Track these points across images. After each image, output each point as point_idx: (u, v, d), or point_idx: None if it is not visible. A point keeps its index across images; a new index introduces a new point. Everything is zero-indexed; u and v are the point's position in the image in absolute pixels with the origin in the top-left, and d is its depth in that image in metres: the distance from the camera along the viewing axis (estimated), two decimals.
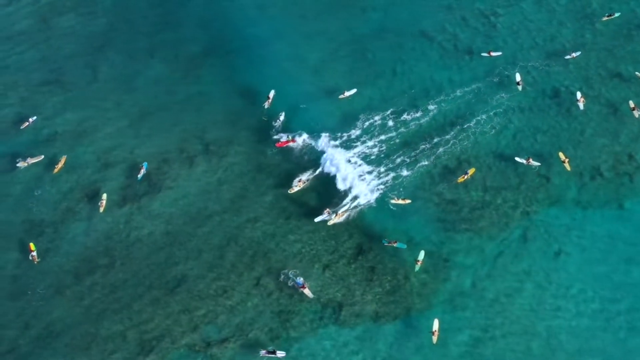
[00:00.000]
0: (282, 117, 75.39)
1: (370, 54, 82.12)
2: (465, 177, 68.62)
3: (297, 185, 69.02)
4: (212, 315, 61.52)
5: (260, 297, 62.21)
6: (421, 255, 63.08)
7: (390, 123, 74.31)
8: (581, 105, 72.75)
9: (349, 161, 70.79)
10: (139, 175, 71.66)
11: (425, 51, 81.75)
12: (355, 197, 68.02)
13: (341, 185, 68.99)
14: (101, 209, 68.58)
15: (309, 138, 73.19)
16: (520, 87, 75.40)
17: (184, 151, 73.91)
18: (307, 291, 61.83)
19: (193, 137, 75.20)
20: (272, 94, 77.19)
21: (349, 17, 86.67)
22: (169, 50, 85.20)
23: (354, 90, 77.19)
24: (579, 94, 73.61)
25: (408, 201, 67.04)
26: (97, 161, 73.94)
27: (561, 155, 68.74)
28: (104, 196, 69.53)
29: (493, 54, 79.05)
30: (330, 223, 65.86)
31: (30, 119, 78.02)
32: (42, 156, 73.89)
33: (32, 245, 66.94)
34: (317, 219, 66.37)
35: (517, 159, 69.33)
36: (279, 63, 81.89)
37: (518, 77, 75.93)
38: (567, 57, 77.98)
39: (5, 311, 62.65)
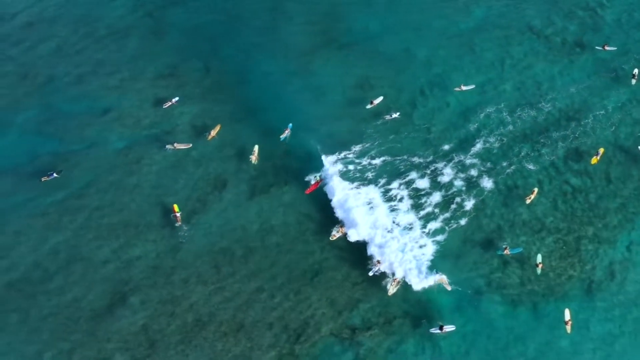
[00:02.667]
0: (395, 115, 76.28)
1: (478, 48, 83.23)
2: (597, 157, 70.00)
3: None
4: (353, 303, 62.43)
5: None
6: (539, 258, 63.49)
7: (507, 118, 75.40)
8: None
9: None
10: (282, 136, 73.88)
11: (534, 45, 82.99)
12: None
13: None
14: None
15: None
16: (634, 81, 76.28)
17: (304, 143, 74.65)
18: (445, 282, 62.68)
19: (313, 127, 75.82)
20: (379, 99, 77.88)
21: (453, 13, 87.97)
22: (278, 44, 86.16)
23: (472, 86, 78.23)
24: None
25: (534, 195, 68.01)
26: (220, 152, 74.88)
27: None
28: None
29: (608, 48, 79.94)
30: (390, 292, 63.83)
31: (173, 100, 79.42)
32: (191, 144, 74.93)
33: (175, 207, 68.94)
34: None
35: None
36: (390, 57, 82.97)
37: (636, 71, 76.77)
38: None
39: (149, 299, 63.71)
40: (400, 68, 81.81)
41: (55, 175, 72.72)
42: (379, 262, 63.98)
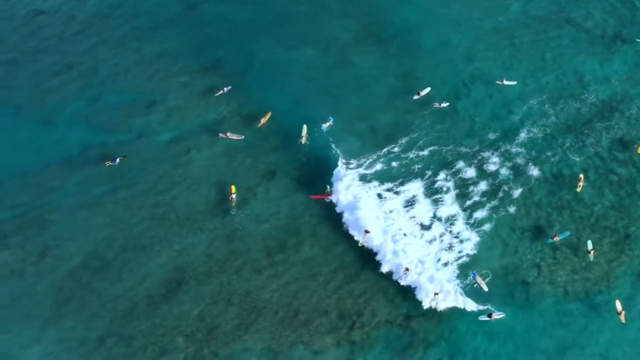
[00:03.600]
0: (444, 104, 77.18)
1: (518, 42, 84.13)
2: None
3: None
4: (404, 291, 62.84)
5: None
6: (590, 244, 64.15)
7: (550, 109, 76.31)
8: None
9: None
10: (324, 126, 75.07)
11: (573, 38, 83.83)
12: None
13: None
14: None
15: None
16: None
17: (351, 133, 75.88)
18: (481, 282, 63.18)
19: (357, 120, 77.11)
20: (426, 90, 78.72)
21: (491, 6, 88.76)
22: (319, 37, 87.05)
23: (514, 82, 79.14)
24: None
25: (582, 182, 68.89)
26: (268, 142, 75.62)
27: None
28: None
29: None
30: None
31: (225, 88, 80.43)
32: (243, 136, 75.78)
33: (233, 188, 70.33)
34: None
35: None
36: (430, 50, 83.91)
37: None
38: None
39: (205, 287, 64.48)
40: (441, 61, 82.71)
41: (118, 160, 73.87)
42: (407, 270, 63.74)
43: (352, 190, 69.28)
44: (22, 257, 66.87)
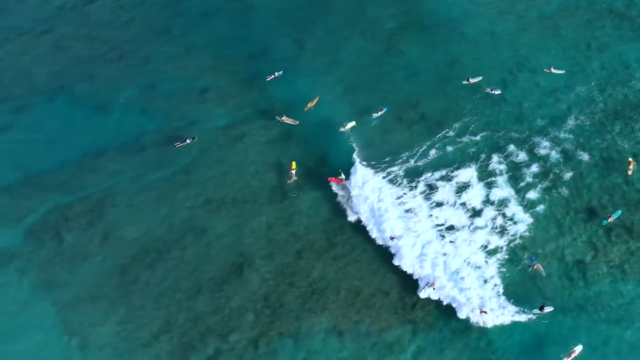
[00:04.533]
0: (497, 91, 78.36)
1: (563, 31, 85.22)
2: None
3: None
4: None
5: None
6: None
7: (598, 96, 77.37)
8: None
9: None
10: (375, 115, 76.31)
11: (617, 27, 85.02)
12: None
13: None
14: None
15: None
16: None
17: (402, 120, 77.11)
18: (539, 268, 63.70)
19: (408, 107, 78.18)
20: (477, 79, 79.76)
21: None
22: (366, 25, 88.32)
23: (562, 71, 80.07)
24: None
25: (632, 166, 69.94)
26: (320, 129, 76.61)
27: None
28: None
29: None
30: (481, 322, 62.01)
31: (277, 73, 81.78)
32: (298, 121, 76.93)
33: (293, 164, 71.99)
34: None
35: None
36: (476, 39, 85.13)
37: None
38: None
39: (266, 269, 65.74)
40: (487, 50, 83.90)
41: (188, 141, 75.35)
42: (432, 286, 63.12)
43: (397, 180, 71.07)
44: (85, 240, 68.32)
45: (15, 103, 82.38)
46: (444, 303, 61.80)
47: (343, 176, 71.06)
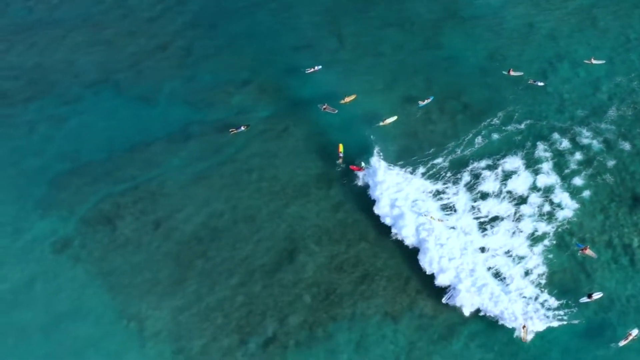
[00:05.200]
0: (539, 83, 79.14)
1: (600, 23, 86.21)
2: None
3: None
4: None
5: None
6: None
7: (638, 87, 78.12)
8: None
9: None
10: (422, 103, 77.51)
11: None
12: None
13: None
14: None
15: None
16: None
17: (445, 111, 77.99)
18: (589, 252, 64.40)
19: (450, 98, 79.13)
20: (518, 73, 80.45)
21: None
22: (404, 18, 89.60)
23: (602, 61, 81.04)
24: None
25: None
26: (362, 119, 77.79)
27: None
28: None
29: None
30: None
31: (316, 67, 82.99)
32: (336, 110, 77.89)
33: (340, 147, 73.51)
34: None
35: None
36: (514, 30, 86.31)
37: None
38: None
39: (317, 256, 66.29)
40: (526, 41, 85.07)
41: (242, 128, 76.62)
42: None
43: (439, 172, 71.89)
44: (137, 227, 69.21)
45: (64, 95, 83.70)
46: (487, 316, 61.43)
47: (363, 164, 72.24)
